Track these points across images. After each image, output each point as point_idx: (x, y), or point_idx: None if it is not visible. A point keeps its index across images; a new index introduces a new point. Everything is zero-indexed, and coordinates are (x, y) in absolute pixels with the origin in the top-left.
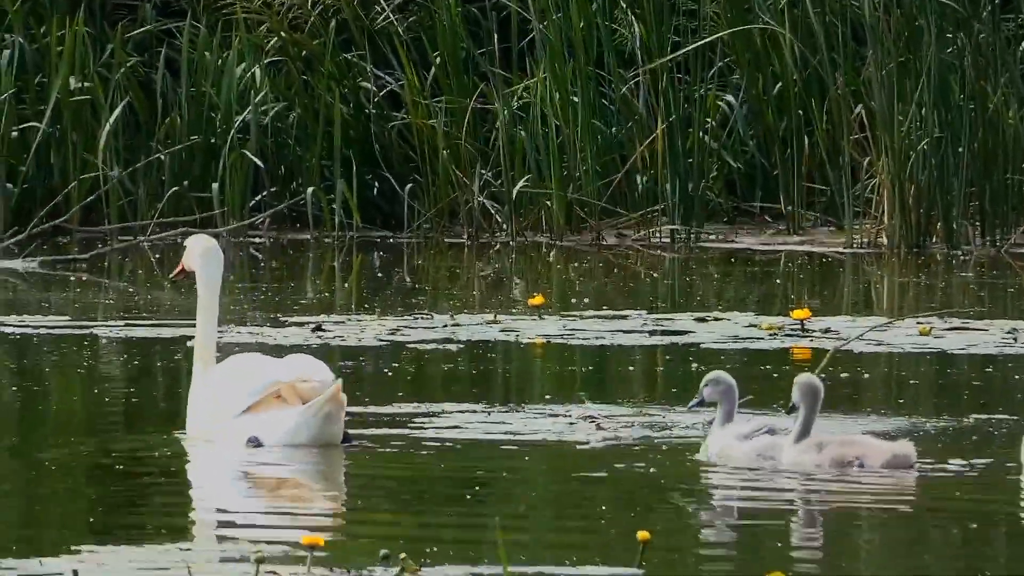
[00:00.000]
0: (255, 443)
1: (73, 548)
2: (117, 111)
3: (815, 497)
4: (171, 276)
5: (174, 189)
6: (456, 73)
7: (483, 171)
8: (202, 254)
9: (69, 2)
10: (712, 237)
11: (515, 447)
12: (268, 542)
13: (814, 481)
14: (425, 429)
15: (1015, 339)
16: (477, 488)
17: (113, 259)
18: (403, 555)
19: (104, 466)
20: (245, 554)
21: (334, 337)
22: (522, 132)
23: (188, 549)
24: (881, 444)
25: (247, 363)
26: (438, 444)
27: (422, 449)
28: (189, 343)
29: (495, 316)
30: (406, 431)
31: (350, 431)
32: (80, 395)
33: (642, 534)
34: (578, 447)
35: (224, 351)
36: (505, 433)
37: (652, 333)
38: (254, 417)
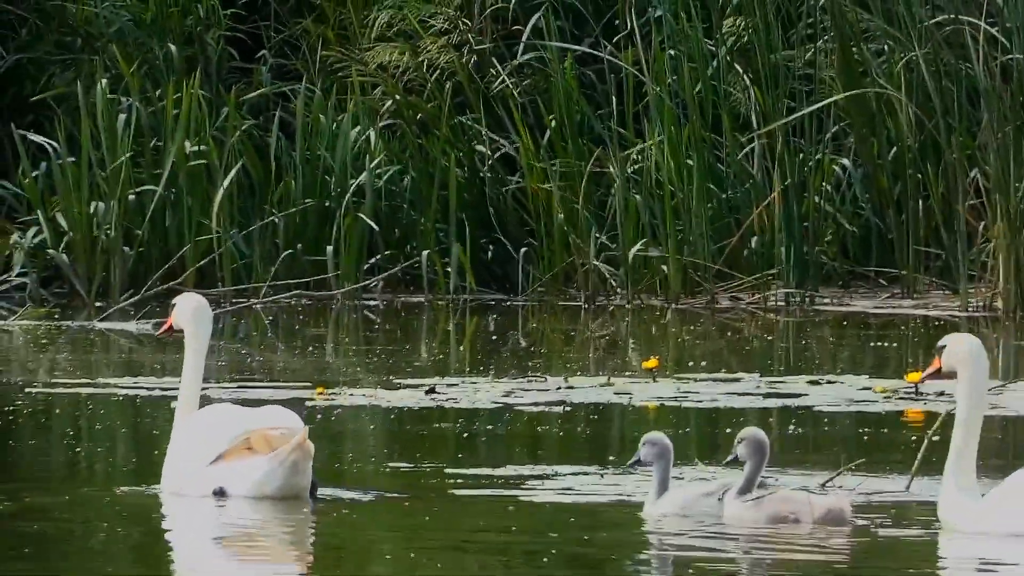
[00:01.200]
0: (220, 493)
1: None
2: (232, 174)
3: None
4: (158, 332)
5: (288, 252)
6: (572, 136)
7: (598, 234)
8: (192, 312)
9: (185, 66)
10: (826, 300)
11: (628, 509)
12: None
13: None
14: (537, 492)
15: None
16: (590, 550)
17: (227, 321)
18: None
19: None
20: None
21: (447, 399)
22: (637, 196)
23: None
24: (816, 500)
25: (217, 414)
26: (551, 504)
27: (538, 511)
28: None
29: (609, 379)
30: (519, 492)
31: (318, 482)
32: None
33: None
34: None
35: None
36: (618, 495)
37: (766, 396)
38: (222, 467)
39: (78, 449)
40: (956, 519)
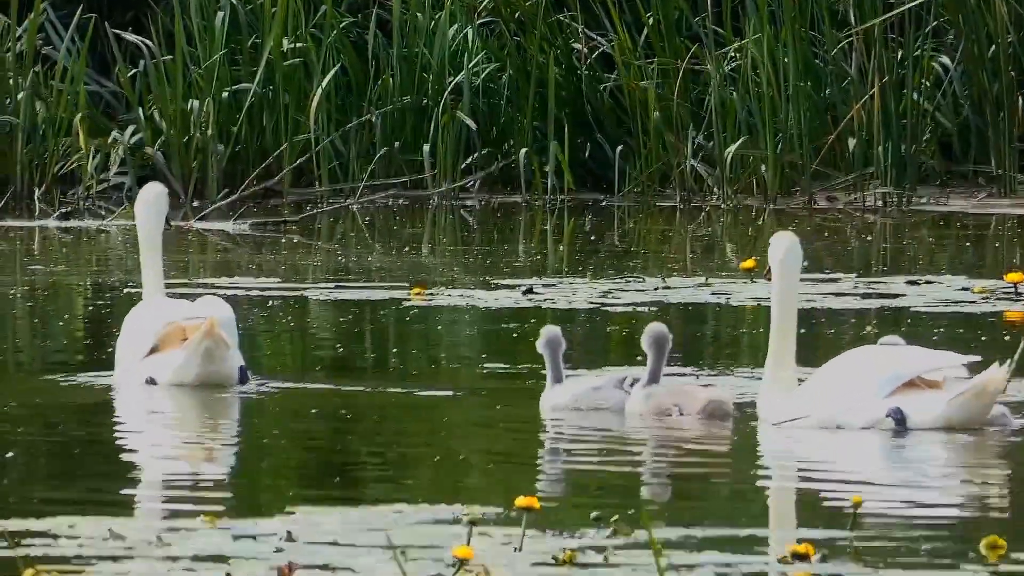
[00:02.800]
0: (152, 382)
1: (288, 509)
2: (331, 73)
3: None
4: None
5: (385, 150)
6: (669, 34)
7: (695, 134)
8: (139, 201)
9: None
10: (924, 200)
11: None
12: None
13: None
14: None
15: None
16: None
17: (324, 221)
18: (615, 517)
19: (313, 429)
20: (458, 515)
21: (544, 300)
22: (734, 94)
23: (399, 511)
24: (699, 392)
25: (152, 308)
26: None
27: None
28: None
29: (707, 279)
30: None
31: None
32: (290, 354)
33: (856, 498)
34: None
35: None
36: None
37: (864, 296)
38: (153, 358)
39: None
40: (768, 413)
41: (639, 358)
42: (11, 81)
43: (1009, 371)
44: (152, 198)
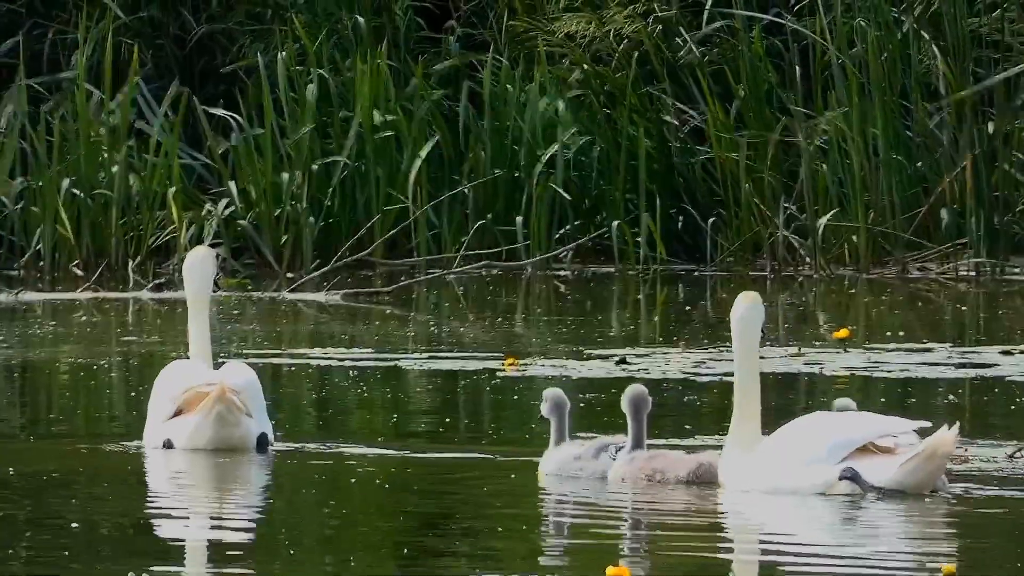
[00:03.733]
0: (168, 445)
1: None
2: (429, 144)
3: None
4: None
5: (480, 223)
6: (759, 106)
7: (787, 204)
8: (186, 266)
9: (372, 36)
10: (1017, 270)
11: None
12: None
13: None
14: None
15: None
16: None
17: (419, 292)
18: None
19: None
20: None
21: (638, 370)
22: (824, 165)
23: None
24: (685, 458)
25: (178, 371)
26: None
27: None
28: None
29: (799, 349)
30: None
31: (269, 436)
32: (382, 423)
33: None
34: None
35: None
36: None
37: (957, 366)
38: (172, 422)
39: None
40: (727, 477)
41: (725, 424)
42: (105, 155)
43: (957, 434)
44: (199, 261)
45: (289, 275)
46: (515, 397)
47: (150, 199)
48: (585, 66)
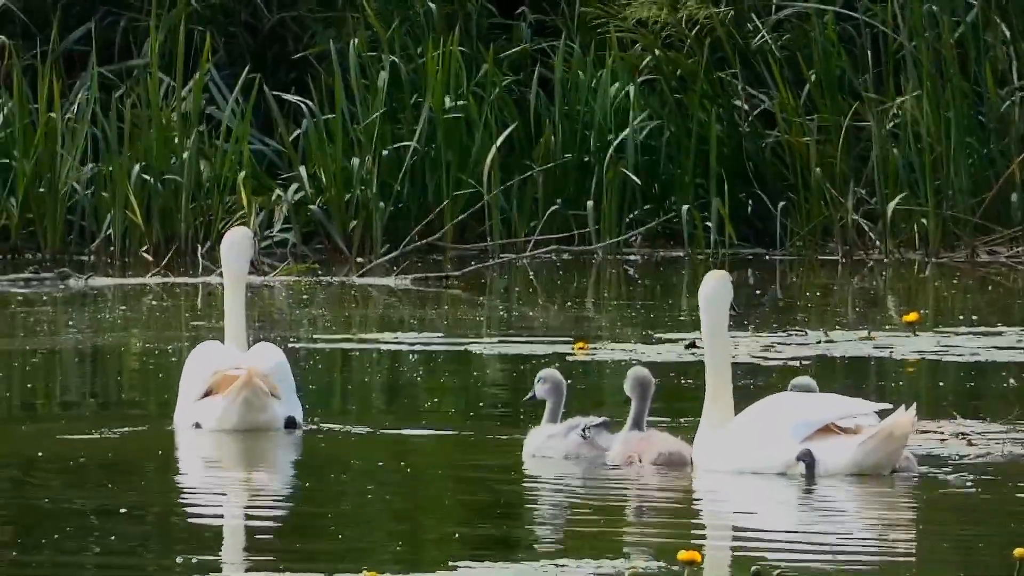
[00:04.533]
0: (198, 427)
1: (451, 564)
2: (508, 132)
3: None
4: None
5: (551, 208)
6: (830, 91)
7: (857, 188)
8: (224, 248)
9: (444, 22)
10: None
11: None
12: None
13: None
14: None
15: None
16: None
17: (489, 276)
18: (777, 571)
19: (471, 477)
20: (619, 569)
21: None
22: (895, 150)
23: (563, 565)
24: (658, 442)
25: (204, 354)
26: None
27: None
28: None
29: (869, 333)
30: None
31: (298, 419)
32: (452, 409)
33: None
34: (949, 462)
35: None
36: None
37: None
38: (201, 403)
39: (333, 399)
40: (698, 457)
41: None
42: (176, 141)
43: (915, 415)
44: (236, 241)
45: (359, 260)
46: (586, 382)
47: (220, 184)
48: (657, 52)
